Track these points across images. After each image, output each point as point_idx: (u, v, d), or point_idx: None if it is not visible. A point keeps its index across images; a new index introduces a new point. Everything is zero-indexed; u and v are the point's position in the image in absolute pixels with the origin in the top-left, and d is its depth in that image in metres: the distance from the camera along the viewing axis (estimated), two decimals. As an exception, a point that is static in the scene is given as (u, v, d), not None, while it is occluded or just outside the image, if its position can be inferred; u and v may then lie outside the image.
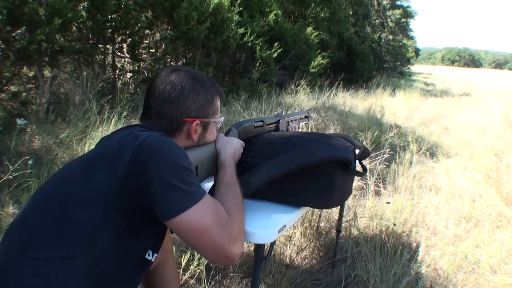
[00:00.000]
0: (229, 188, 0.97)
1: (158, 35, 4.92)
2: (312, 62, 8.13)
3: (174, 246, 1.78)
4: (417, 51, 32.22)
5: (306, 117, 1.77)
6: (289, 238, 2.19)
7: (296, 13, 9.40)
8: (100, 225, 0.77)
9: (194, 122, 0.97)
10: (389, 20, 22.69)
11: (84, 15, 3.69)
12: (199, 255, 1.82)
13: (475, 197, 2.89)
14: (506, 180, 3.05)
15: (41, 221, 0.77)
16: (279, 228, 1.03)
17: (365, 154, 1.37)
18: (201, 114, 0.98)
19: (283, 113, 4.37)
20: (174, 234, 0.86)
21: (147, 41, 4.82)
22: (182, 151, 0.85)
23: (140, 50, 4.84)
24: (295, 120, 1.63)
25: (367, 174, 2.81)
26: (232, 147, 1.10)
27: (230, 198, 0.93)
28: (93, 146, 2.63)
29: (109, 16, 3.98)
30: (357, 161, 1.34)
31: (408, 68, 26.42)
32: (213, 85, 1.02)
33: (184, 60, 5.19)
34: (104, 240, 0.77)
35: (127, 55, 4.66)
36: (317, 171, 1.13)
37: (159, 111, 0.94)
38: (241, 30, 5.67)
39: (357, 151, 1.34)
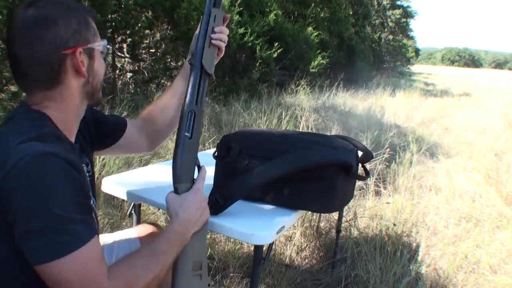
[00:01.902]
0: (158, 257, 0.78)
1: (158, 35, 4.92)
2: (312, 62, 8.12)
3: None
4: (417, 51, 32.23)
5: None
6: (289, 238, 2.19)
7: (296, 13, 9.39)
8: None
9: (77, 50, 0.76)
10: (389, 20, 22.69)
11: (84, 15, 3.69)
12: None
13: (475, 197, 2.89)
14: (506, 180, 3.05)
15: None
16: (277, 229, 1.03)
17: (367, 157, 1.35)
18: (80, 40, 0.77)
19: (283, 113, 4.39)
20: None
21: (147, 41, 4.82)
22: (56, 183, 0.65)
23: (140, 50, 4.84)
24: None
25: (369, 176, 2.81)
26: (190, 215, 0.85)
27: (147, 269, 0.75)
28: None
29: (109, 16, 3.98)
30: (359, 164, 1.34)
31: (408, 68, 26.44)
32: (81, 5, 0.84)
33: (184, 60, 5.19)
34: None
35: (127, 55, 4.66)
36: (317, 174, 1.13)
37: (31, 58, 0.73)
38: (241, 30, 5.67)
39: (359, 153, 1.33)
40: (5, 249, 0.67)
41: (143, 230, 1.16)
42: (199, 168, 0.93)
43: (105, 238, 1.10)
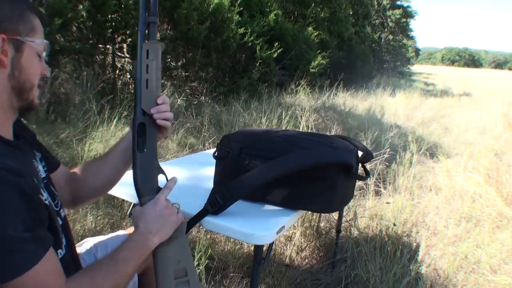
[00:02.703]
0: (119, 266, 0.78)
1: (158, 35, 4.92)
2: (312, 62, 8.12)
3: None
4: (417, 51, 32.25)
5: None
6: (289, 238, 2.19)
7: (296, 13, 9.39)
8: None
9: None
10: (389, 20, 22.70)
11: (84, 15, 3.70)
12: (199, 255, 1.82)
13: (475, 197, 2.89)
14: (506, 180, 3.05)
15: None
16: (277, 229, 1.03)
17: (367, 157, 1.36)
18: (7, 28, 0.73)
19: (283, 114, 4.39)
20: None
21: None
22: (5, 201, 0.62)
23: (140, 50, 4.84)
24: None
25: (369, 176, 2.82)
26: (149, 225, 0.84)
27: (108, 277, 0.75)
28: (93, 146, 2.64)
29: (109, 16, 3.98)
30: (359, 164, 1.34)
31: (408, 68, 26.46)
32: (26, 1, 0.79)
33: (184, 60, 5.19)
34: None
35: (127, 55, 4.66)
36: (317, 174, 1.13)
37: None
38: (241, 30, 5.67)
39: (359, 153, 1.33)
40: None
41: None
42: (166, 177, 0.92)
43: (99, 240, 1.10)
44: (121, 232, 1.14)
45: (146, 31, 0.87)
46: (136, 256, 0.81)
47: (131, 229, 1.17)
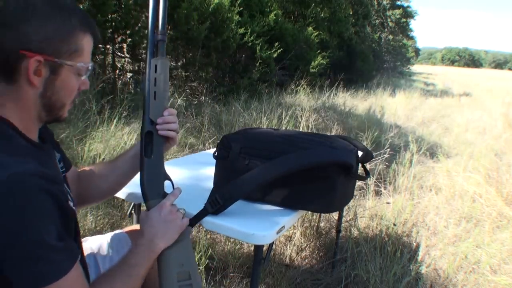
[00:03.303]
0: (132, 270, 0.81)
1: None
2: (312, 62, 8.12)
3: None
4: (417, 51, 32.26)
5: None
6: (289, 238, 2.19)
7: (296, 13, 9.39)
8: None
9: (34, 57, 0.68)
10: (389, 20, 22.70)
11: (84, 15, 3.69)
12: (199, 255, 1.82)
13: (475, 197, 2.89)
14: (506, 180, 3.05)
15: None
16: (277, 229, 1.03)
17: (368, 157, 1.36)
18: (46, 49, 0.70)
19: (283, 114, 4.39)
20: None
21: (147, 41, 4.81)
22: (36, 208, 0.62)
23: (140, 50, 4.84)
24: None
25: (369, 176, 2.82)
26: (154, 229, 0.87)
27: (124, 282, 0.79)
28: (93, 146, 2.64)
29: (109, 16, 3.98)
30: (359, 164, 1.34)
31: (408, 68, 26.47)
32: (81, 16, 0.74)
33: (184, 60, 5.19)
34: None
35: (127, 55, 4.66)
36: (317, 174, 1.13)
37: None
38: (241, 30, 5.67)
39: (360, 153, 1.33)
40: None
41: (135, 231, 1.15)
42: (173, 184, 0.96)
43: (99, 240, 1.10)
44: (121, 235, 1.13)
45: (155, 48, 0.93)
46: (146, 260, 0.84)
47: (129, 228, 1.17)
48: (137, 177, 0.96)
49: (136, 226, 1.19)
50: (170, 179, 0.95)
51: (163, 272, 0.87)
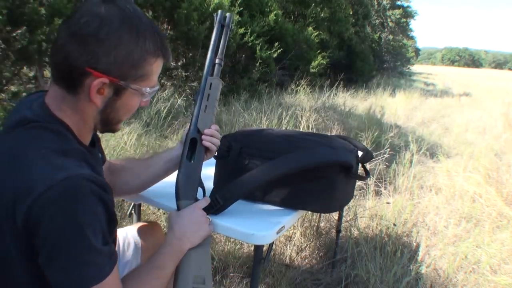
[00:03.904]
0: (159, 272, 0.82)
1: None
2: (312, 62, 8.12)
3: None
4: (417, 51, 32.26)
5: None
6: (289, 238, 2.19)
7: (296, 13, 9.39)
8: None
9: (100, 78, 0.69)
10: (389, 20, 22.69)
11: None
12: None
13: (475, 197, 2.89)
14: (506, 180, 3.05)
15: None
16: (277, 229, 1.03)
17: (367, 157, 1.36)
18: (114, 72, 0.70)
19: (284, 114, 4.39)
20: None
21: (147, 41, 4.81)
22: (89, 211, 0.64)
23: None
24: None
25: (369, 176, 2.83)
26: (184, 227, 0.89)
27: (151, 285, 0.80)
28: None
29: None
30: (359, 164, 1.34)
31: (408, 68, 26.45)
32: (154, 39, 0.73)
33: (184, 60, 5.19)
34: None
35: (127, 55, 4.65)
36: (317, 174, 1.13)
37: (63, 55, 0.69)
38: (241, 30, 5.68)
39: (360, 153, 1.33)
40: (25, 274, 0.66)
41: (143, 229, 1.16)
42: (204, 192, 1.01)
43: None
44: (130, 232, 1.14)
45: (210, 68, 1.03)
46: (173, 261, 0.86)
47: (140, 226, 1.17)
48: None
49: (139, 224, 1.19)
50: (203, 187, 1.00)
51: (181, 272, 0.89)
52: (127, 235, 1.12)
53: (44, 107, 0.73)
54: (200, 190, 1.00)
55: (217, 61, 1.03)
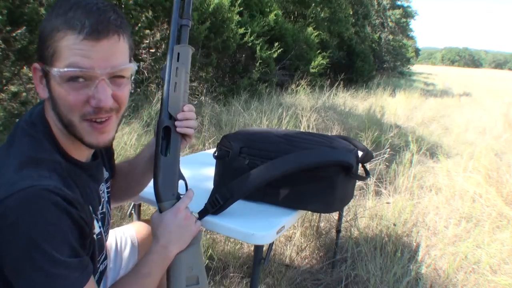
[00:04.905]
0: (144, 280, 0.79)
1: (158, 35, 4.92)
2: (312, 62, 8.12)
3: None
4: (417, 51, 32.24)
5: None
6: (289, 238, 2.19)
7: (296, 13, 9.39)
8: None
9: (33, 65, 0.69)
10: (389, 20, 22.69)
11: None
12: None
13: (475, 197, 2.89)
14: (506, 180, 3.05)
15: None
16: (277, 229, 1.03)
17: (368, 157, 1.36)
18: (39, 55, 0.68)
19: (284, 114, 4.39)
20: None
21: (147, 41, 4.82)
22: (50, 223, 0.60)
23: (140, 50, 4.84)
24: None
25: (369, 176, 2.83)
26: (169, 235, 0.84)
27: None
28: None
29: (109, 16, 3.97)
30: (359, 164, 1.34)
31: (408, 68, 26.45)
32: (71, 14, 0.64)
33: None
34: None
35: (127, 55, 4.65)
36: (317, 174, 1.13)
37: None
38: (241, 30, 5.68)
39: (360, 153, 1.33)
40: None
41: (140, 228, 1.15)
42: (186, 185, 0.91)
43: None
44: (127, 232, 1.13)
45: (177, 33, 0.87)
46: (160, 268, 0.82)
47: (137, 226, 1.17)
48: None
49: (137, 224, 1.19)
50: (184, 179, 0.90)
51: (172, 275, 0.86)
52: (124, 233, 1.12)
53: (42, 110, 0.72)
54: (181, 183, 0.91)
55: (184, 21, 0.85)
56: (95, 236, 0.75)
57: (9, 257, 0.59)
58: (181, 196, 0.89)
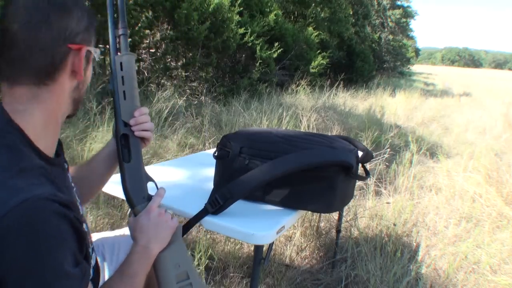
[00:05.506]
0: (131, 280, 0.79)
1: (158, 35, 4.92)
2: (312, 62, 8.13)
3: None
4: (417, 51, 32.24)
5: None
6: (289, 238, 2.19)
7: (296, 13, 9.40)
8: None
9: (83, 49, 0.69)
10: (389, 20, 22.69)
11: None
12: (199, 255, 1.82)
13: (475, 197, 2.89)
14: (506, 180, 3.05)
15: None
16: (277, 229, 1.03)
17: (368, 157, 1.36)
18: (87, 40, 0.70)
19: (284, 114, 4.39)
20: None
21: (147, 41, 4.82)
22: (51, 236, 0.58)
23: (140, 50, 4.84)
24: None
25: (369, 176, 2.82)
26: (147, 234, 0.84)
27: None
28: (93, 146, 2.64)
29: (109, 16, 3.98)
30: (359, 164, 1.34)
31: (408, 68, 26.44)
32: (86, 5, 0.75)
33: (184, 60, 5.19)
34: None
35: (127, 55, 4.65)
36: (318, 174, 1.13)
37: (34, 42, 0.63)
38: (241, 30, 5.68)
39: (360, 153, 1.33)
40: None
41: None
42: (156, 185, 0.92)
43: (104, 236, 1.10)
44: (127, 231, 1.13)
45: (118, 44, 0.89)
46: (144, 267, 0.82)
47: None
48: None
49: None
50: (153, 180, 0.92)
51: (160, 276, 0.86)
52: (125, 233, 1.12)
53: (4, 116, 0.65)
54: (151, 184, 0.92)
55: (120, 31, 0.87)
56: (87, 230, 0.75)
57: (12, 278, 0.56)
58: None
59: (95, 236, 1.11)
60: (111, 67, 0.87)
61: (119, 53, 0.87)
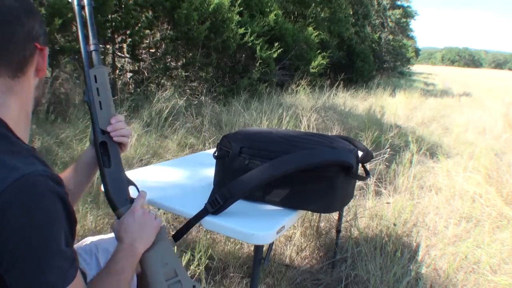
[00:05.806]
0: (118, 277, 0.80)
1: (158, 35, 4.92)
2: (312, 62, 8.12)
3: (175, 247, 1.78)
4: (417, 51, 32.24)
5: None
6: (289, 238, 2.19)
7: (296, 13, 9.39)
8: None
9: (45, 50, 0.75)
10: (389, 20, 22.69)
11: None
12: (199, 255, 1.82)
13: (475, 197, 2.89)
14: (506, 180, 3.05)
15: None
16: (277, 229, 1.03)
17: (368, 157, 1.36)
18: (45, 41, 0.77)
19: (284, 114, 4.39)
20: None
21: (147, 41, 4.82)
22: (48, 210, 0.61)
23: (140, 50, 4.84)
24: None
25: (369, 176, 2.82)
26: (132, 234, 0.85)
27: None
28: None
29: (109, 16, 3.98)
30: (359, 164, 1.34)
31: (408, 68, 26.44)
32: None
33: (184, 60, 5.19)
34: None
35: (127, 55, 4.66)
36: (318, 174, 1.12)
37: (10, 37, 0.69)
38: (241, 30, 5.68)
39: (360, 153, 1.33)
40: None
41: None
42: (137, 188, 0.95)
43: (100, 240, 1.10)
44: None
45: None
46: (130, 264, 0.83)
47: None
48: (131, 174, 0.95)
49: None
50: (133, 184, 0.95)
51: (149, 275, 0.87)
52: None
53: None
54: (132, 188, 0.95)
55: (91, 47, 0.92)
56: None
57: (8, 253, 0.58)
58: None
59: (89, 240, 1.11)
60: (86, 80, 0.92)
61: (92, 67, 0.93)
